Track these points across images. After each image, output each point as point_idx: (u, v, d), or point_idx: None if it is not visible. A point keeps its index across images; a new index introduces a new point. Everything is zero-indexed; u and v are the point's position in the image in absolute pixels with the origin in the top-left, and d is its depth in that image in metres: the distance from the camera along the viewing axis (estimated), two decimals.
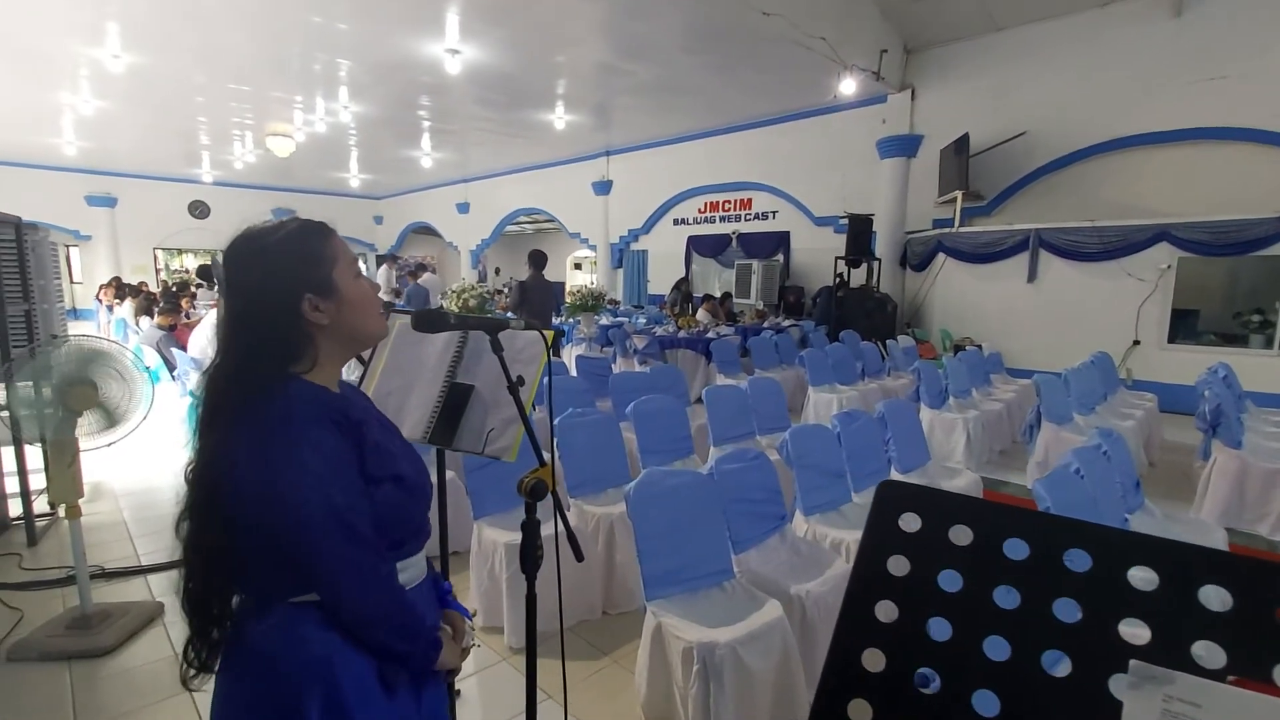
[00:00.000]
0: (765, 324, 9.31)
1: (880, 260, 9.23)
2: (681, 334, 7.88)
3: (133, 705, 2.31)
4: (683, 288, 11.69)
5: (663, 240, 13.48)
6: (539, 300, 6.55)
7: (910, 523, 0.76)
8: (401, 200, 20.51)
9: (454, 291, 8.18)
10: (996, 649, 0.66)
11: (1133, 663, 0.57)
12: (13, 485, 3.76)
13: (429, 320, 1.36)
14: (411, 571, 1.14)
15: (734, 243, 12.10)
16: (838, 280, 9.33)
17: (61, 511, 2.72)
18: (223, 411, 0.99)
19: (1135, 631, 0.59)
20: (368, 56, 8.08)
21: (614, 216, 14.14)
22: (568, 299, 9.45)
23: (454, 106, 10.38)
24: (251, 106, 10.40)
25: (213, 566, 0.99)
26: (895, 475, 3.47)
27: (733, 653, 1.92)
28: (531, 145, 13.09)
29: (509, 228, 17.85)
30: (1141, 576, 0.60)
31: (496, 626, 2.72)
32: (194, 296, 9.24)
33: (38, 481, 3.68)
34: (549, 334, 1.61)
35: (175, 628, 2.80)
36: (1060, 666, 0.62)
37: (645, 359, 7.40)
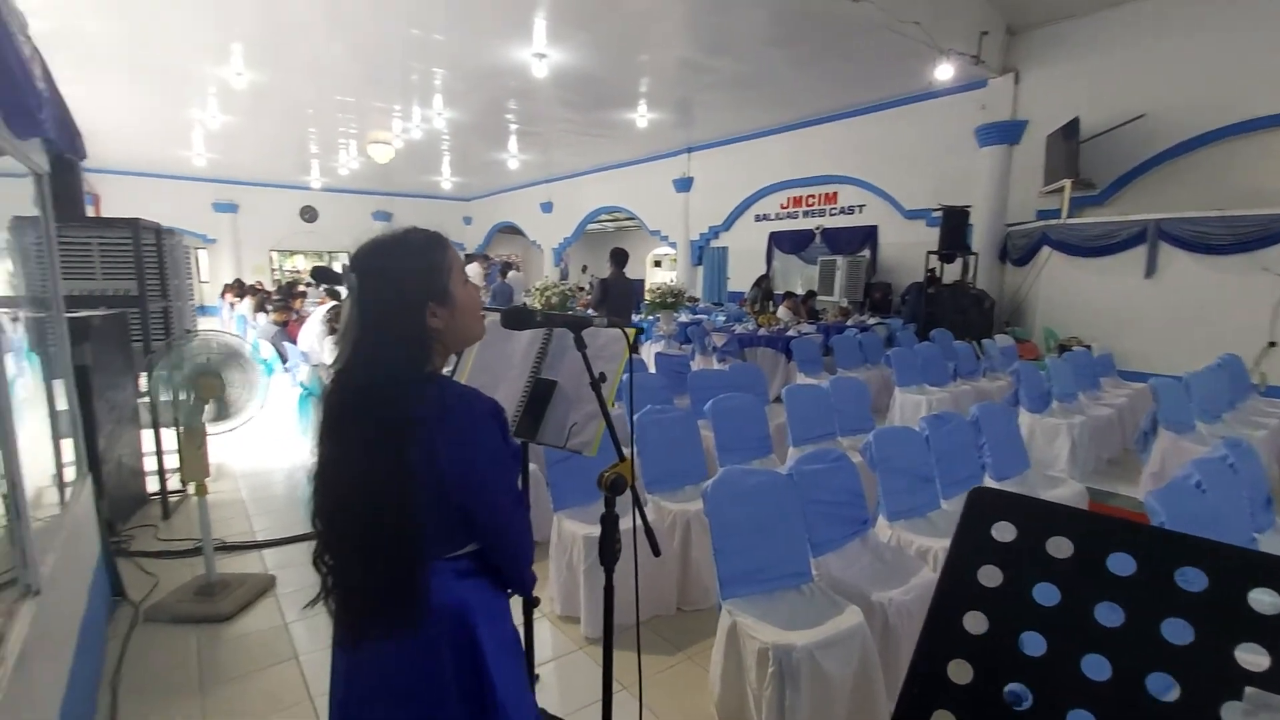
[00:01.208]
0: (849, 322, 9.03)
1: (977, 255, 8.73)
2: (761, 332, 7.77)
3: (248, 668, 2.54)
4: (763, 285, 11.49)
5: (743, 237, 13.31)
6: (620, 297, 6.63)
7: (1004, 532, 0.73)
8: (489, 201, 21.27)
9: (537, 289, 8.42)
10: (1096, 668, 0.62)
11: (1249, 690, 0.53)
12: (150, 464, 4.21)
13: (516, 318, 1.42)
14: None
15: (817, 238, 11.78)
16: (929, 276, 8.90)
17: (191, 489, 3.01)
18: (385, 413, 1.06)
19: (1253, 658, 0.55)
20: (461, 65, 8.43)
21: (694, 213, 14.09)
22: (647, 296, 9.51)
23: (540, 109, 10.66)
24: (355, 117, 11.11)
25: (397, 539, 1.09)
26: (989, 482, 3.29)
27: (810, 657, 1.89)
28: (614, 144, 13.26)
29: (591, 226, 18.14)
30: (1263, 599, 0.55)
31: (573, 616, 2.80)
32: (304, 295, 9.96)
33: (170, 462, 4.12)
34: (630, 331, 1.64)
35: (285, 599, 3.05)
36: (1167, 690, 0.58)
37: (724, 357, 7.36)
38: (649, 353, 7.72)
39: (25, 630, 1.59)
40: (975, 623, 0.70)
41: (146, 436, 4.18)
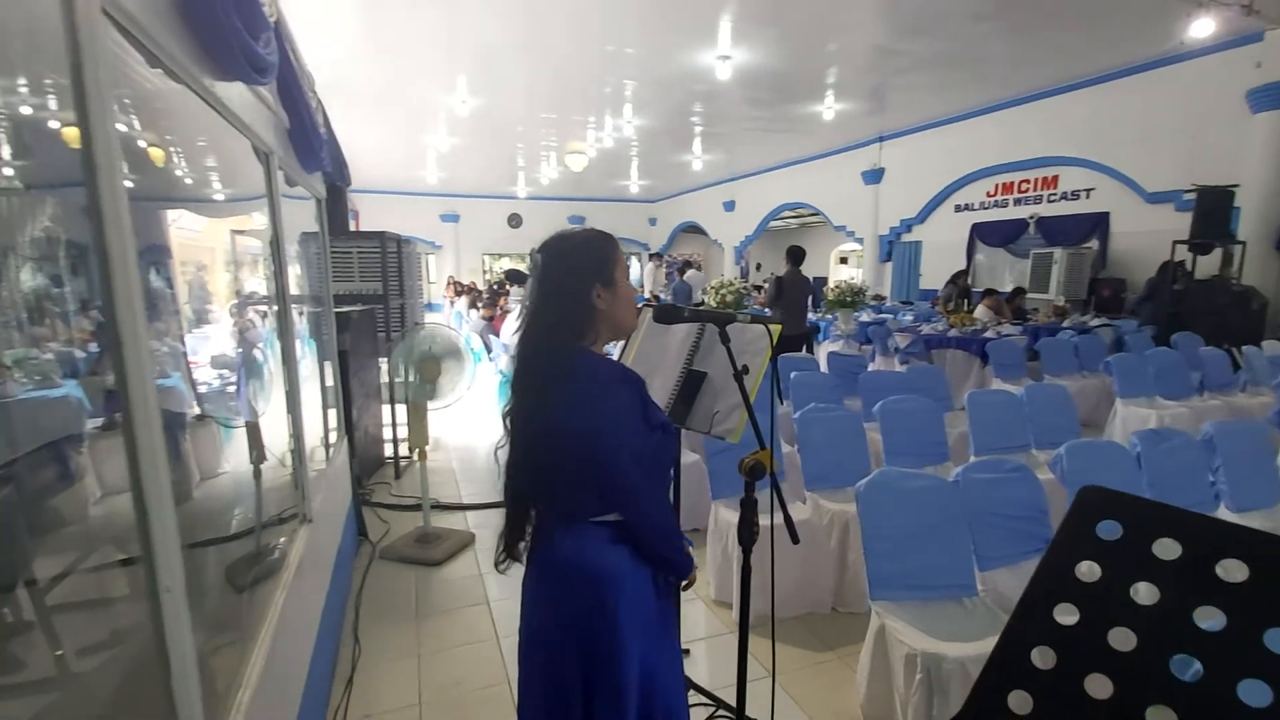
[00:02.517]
0: (1065, 322, 7.96)
1: (1244, 244, 7.19)
2: (952, 333, 7.16)
3: (450, 606, 3.03)
4: (959, 282, 10.47)
5: (940, 230, 12.27)
6: (795, 295, 6.56)
7: (1109, 530, 0.72)
8: (673, 202, 21.92)
9: (713, 287, 8.57)
10: (1186, 669, 0.61)
11: None
12: (387, 433, 5.08)
13: (666, 314, 1.57)
14: None
15: (1031, 228, 10.48)
16: (1176, 269, 7.53)
17: (415, 455, 3.62)
18: (540, 372, 1.30)
19: None
20: (650, 74, 8.87)
21: (884, 206, 13.28)
22: (829, 295, 9.19)
23: (724, 109, 10.80)
24: (556, 130, 12.19)
25: (530, 488, 1.38)
26: (1224, 513, 2.79)
27: (962, 670, 1.81)
28: (798, 139, 12.99)
29: (772, 223, 17.92)
30: None
31: (727, 601, 2.91)
32: (508, 294, 11.17)
33: (400, 432, 4.93)
34: (775, 329, 1.72)
35: (482, 554, 3.55)
36: (1259, 696, 0.56)
37: (907, 359, 6.91)
38: (823, 352, 7.51)
39: (302, 549, 2.09)
40: (1066, 613, 0.70)
41: (385, 410, 5.07)
